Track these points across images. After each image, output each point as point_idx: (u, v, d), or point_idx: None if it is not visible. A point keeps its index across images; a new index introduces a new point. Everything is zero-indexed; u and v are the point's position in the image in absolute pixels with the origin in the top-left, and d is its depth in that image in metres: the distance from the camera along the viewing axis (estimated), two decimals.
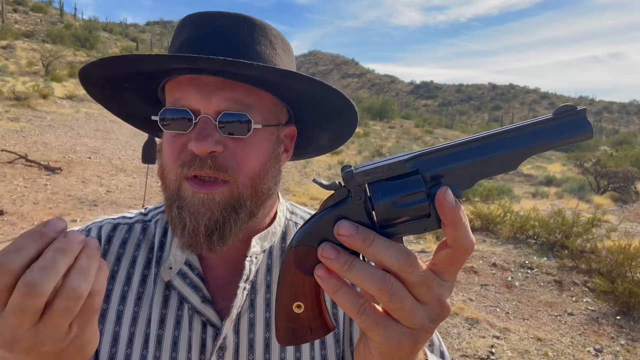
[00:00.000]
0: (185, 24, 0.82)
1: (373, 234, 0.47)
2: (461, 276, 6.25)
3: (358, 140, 28.80)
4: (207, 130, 0.73)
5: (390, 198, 0.47)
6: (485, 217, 8.59)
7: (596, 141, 49.46)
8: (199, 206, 0.75)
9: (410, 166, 0.48)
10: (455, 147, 0.48)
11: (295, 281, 0.52)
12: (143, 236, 0.91)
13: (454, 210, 0.45)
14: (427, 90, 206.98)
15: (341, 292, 0.48)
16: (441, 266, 0.48)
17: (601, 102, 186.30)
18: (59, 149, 13.20)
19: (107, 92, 0.87)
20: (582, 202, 12.59)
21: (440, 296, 0.48)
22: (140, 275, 0.85)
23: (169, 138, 0.78)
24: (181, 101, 0.76)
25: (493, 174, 0.48)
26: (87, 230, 0.92)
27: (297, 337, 0.54)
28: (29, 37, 47.78)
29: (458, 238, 0.46)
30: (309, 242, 0.50)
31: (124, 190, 10.35)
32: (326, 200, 0.51)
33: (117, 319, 0.81)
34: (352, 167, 0.49)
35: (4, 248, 0.47)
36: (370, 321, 0.48)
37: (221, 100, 0.75)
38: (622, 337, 4.80)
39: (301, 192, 11.93)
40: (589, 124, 0.46)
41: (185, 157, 0.75)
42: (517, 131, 0.47)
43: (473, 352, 4.39)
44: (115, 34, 74.42)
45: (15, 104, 18.40)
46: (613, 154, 22.30)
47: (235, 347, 0.81)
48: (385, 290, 0.46)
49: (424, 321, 0.48)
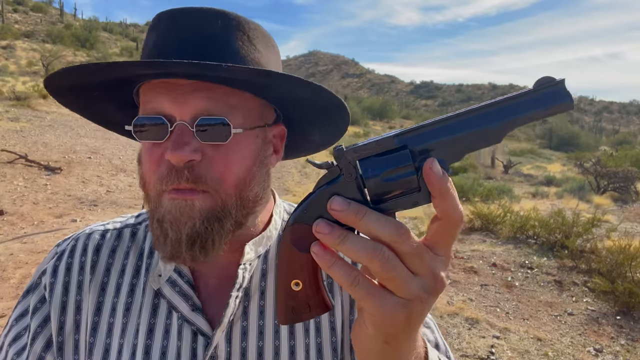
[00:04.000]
0: (157, 23, 0.76)
1: (365, 208, 0.48)
2: (461, 276, 6.25)
3: (358, 141, 28.73)
4: (183, 138, 0.68)
5: (379, 173, 0.49)
6: (485, 217, 8.58)
7: (596, 141, 49.52)
8: (177, 214, 0.70)
9: (398, 142, 0.49)
10: (442, 122, 0.50)
11: (293, 259, 0.53)
12: (132, 243, 0.87)
13: (441, 181, 0.46)
14: (427, 90, 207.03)
15: (336, 266, 0.49)
16: (433, 239, 0.49)
17: (601, 102, 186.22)
18: (59, 149, 13.20)
19: (79, 103, 0.82)
20: (582, 202, 12.58)
21: (433, 268, 0.49)
22: (129, 285, 0.83)
23: (147, 148, 0.73)
24: (154, 107, 0.71)
25: (480, 147, 0.50)
26: (75, 239, 0.88)
27: (296, 314, 0.55)
28: (29, 37, 47.80)
29: (447, 210, 0.47)
30: (304, 220, 0.52)
31: (124, 190, 10.35)
32: (320, 180, 0.52)
33: (108, 331, 0.80)
34: (343, 146, 0.51)
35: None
36: (364, 292, 0.49)
37: (198, 103, 0.69)
38: (622, 337, 4.80)
39: (301, 192, 11.91)
40: (569, 95, 0.47)
41: (163, 170, 0.70)
42: (501, 104, 0.49)
43: (473, 352, 4.39)
44: (115, 34, 74.41)
45: (15, 104, 18.40)
46: (613, 154, 22.31)
47: (227, 357, 0.78)
48: (377, 259, 0.47)
49: (417, 291, 0.48)
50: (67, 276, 0.83)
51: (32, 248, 6.38)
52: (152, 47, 0.74)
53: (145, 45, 0.78)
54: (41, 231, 7.19)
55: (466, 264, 6.66)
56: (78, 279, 0.83)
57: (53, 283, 0.83)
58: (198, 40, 0.72)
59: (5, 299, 4.89)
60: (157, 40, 0.74)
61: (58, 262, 0.85)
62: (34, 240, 6.73)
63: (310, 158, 0.57)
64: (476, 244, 7.78)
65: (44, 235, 6.97)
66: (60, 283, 0.83)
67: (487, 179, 18.08)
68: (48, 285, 0.83)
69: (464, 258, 6.91)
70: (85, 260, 0.84)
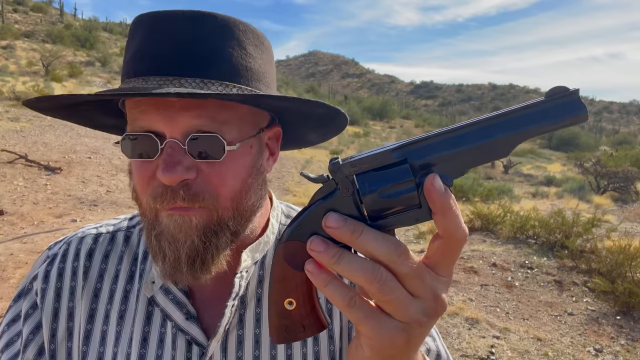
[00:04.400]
0: (137, 28, 0.71)
1: (362, 225, 0.46)
2: (461, 276, 6.25)
3: (358, 140, 28.80)
4: (175, 157, 0.65)
5: (377, 188, 0.46)
6: (485, 217, 8.58)
7: (596, 141, 49.51)
8: (176, 233, 0.68)
9: (397, 155, 0.46)
10: (445, 134, 0.46)
11: (286, 277, 0.51)
12: (125, 247, 0.85)
13: (442, 198, 0.44)
14: (427, 90, 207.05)
15: (331, 286, 0.47)
16: (435, 259, 0.46)
17: (601, 102, 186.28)
18: (59, 149, 13.20)
19: (63, 114, 0.79)
20: (582, 202, 12.58)
21: (434, 290, 0.46)
22: (123, 292, 0.80)
23: (137, 165, 0.70)
24: (143, 124, 0.67)
25: (485, 161, 0.47)
26: (68, 243, 0.85)
27: (290, 334, 0.52)
28: (29, 37, 47.77)
29: (449, 227, 0.44)
30: (298, 237, 0.49)
31: (124, 190, 10.34)
32: (315, 194, 0.49)
33: (102, 339, 0.78)
34: (339, 159, 0.48)
35: None
36: (360, 315, 0.46)
37: (189, 119, 0.66)
38: (622, 337, 4.80)
39: (301, 192, 11.92)
40: (583, 106, 0.44)
41: (156, 189, 0.67)
42: (509, 116, 0.45)
43: (473, 352, 4.39)
44: (115, 33, 74.34)
45: (15, 104, 18.39)
46: (613, 154, 22.30)
47: None
48: (374, 281, 0.44)
49: (417, 315, 0.46)
50: (59, 282, 0.81)
51: (32, 248, 6.38)
52: (131, 55, 0.70)
53: (126, 49, 0.73)
54: (41, 231, 7.20)
55: (466, 264, 6.66)
56: (70, 285, 0.81)
57: (45, 289, 0.81)
58: (183, 51, 0.67)
59: (5, 299, 4.90)
60: (137, 49, 0.69)
61: (50, 267, 0.83)
62: (34, 240, 6.74)
63: (305, 171, 0.55)
64: (476, 244, 7.77)
65: (44, 235, 6.97)
66: (52, 289, 0.80)
67: (487, 179, 18.08)
68: (40, 291, 0.81)
69: (464, 258, 6.91)
70: (77, 266, 0.82)
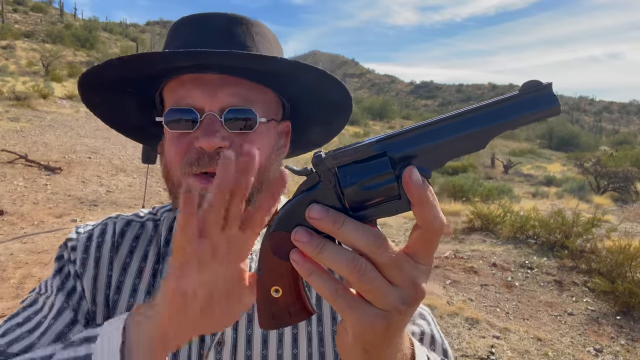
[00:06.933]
0: (183, 25, 0.84)
1: (343, 216, 0.47)
2: (461, 276, 6.26)
3: (358, 141, 28.68)
4: (214, 127, 0.75)
5: (357, 181, 0.48)
6: (485, 217, 8.59)
7: (596, 141, 49.52)
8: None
9: (377, 148, 0.48)
10: (424, 128, 0.48)
11: (273, 266, 0.53)
12: (155, 232, 0.93)
13: (420, 190, 0.45)
14: (427, 90, 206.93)
15: (315, 275, 0.49)
16: (414, 248, 0.48)
17: (601, 102, 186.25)
18: (59, 149, 13.20)
19: (107, 97, 0.87)
20: (582, 202, 12.58)
21: (414, 278, 0.48)
22: (152, 270, 0.88)
23: (174, 138, 0.80)
24: (185, 100, 0.78)
25: (463, 153, 0.48)
26: (104, 224, 0.93)
27: (277, 320, 0.54)
28: (29, 37, 47.76)
29: (427, 218, 0.46)
30: (283, 227, 0.51)
31: (124, 190, 10.34)
32: (300, 186, 0.51)
33: (128, 310, 0.83)
34: (322, 152, 0.50)
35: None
36: (344, 304, 0.48)
37: (225, 96, 0.77)
38: (622, 337, 4.80)
39: None
40: (556, 99, 0.46)
41: (192, 156, 0.76)
42: (485, 109, 0.47)
43: (473, 352, 4.39)
44: (115, 34, 74.39)
45: (15, 104, 18.40)
46: (613, 154, 22.31)
47: (233, 343, 0.82)
48: (355, 271, 0.46)
49: (396, 303, 0.47)
50: (97, 252, 0.89)
51: (32, 248, 6.38)
52: (180, 46, 0.81)
53: (168, 46, 0.85)
54: (41, 231, 7.19)
55: (466, 264, 6.66)
56: (109, 255, 0.89)
57: (86, 258, 0.88)
58: (228, 40, 0.80)
59: (5, 299, 4.89)
60: (187, 39, 0.81)
61: (89, 243, 0.89)
62: (34, 240, 6.73)
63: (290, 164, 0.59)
64: (476, 244, 7.78)
65: (44, 235, 6.97)
66: (92, 258, 0.88)
67: (487, 179, 18.07)
68: (79, 260, 0.88)
69: (464, 258, 6.91)
70: (113, 240, 0.91)
